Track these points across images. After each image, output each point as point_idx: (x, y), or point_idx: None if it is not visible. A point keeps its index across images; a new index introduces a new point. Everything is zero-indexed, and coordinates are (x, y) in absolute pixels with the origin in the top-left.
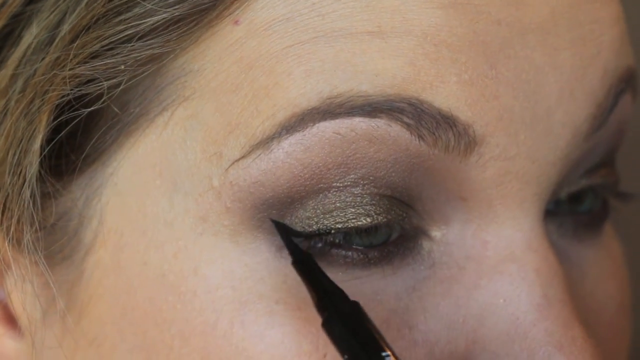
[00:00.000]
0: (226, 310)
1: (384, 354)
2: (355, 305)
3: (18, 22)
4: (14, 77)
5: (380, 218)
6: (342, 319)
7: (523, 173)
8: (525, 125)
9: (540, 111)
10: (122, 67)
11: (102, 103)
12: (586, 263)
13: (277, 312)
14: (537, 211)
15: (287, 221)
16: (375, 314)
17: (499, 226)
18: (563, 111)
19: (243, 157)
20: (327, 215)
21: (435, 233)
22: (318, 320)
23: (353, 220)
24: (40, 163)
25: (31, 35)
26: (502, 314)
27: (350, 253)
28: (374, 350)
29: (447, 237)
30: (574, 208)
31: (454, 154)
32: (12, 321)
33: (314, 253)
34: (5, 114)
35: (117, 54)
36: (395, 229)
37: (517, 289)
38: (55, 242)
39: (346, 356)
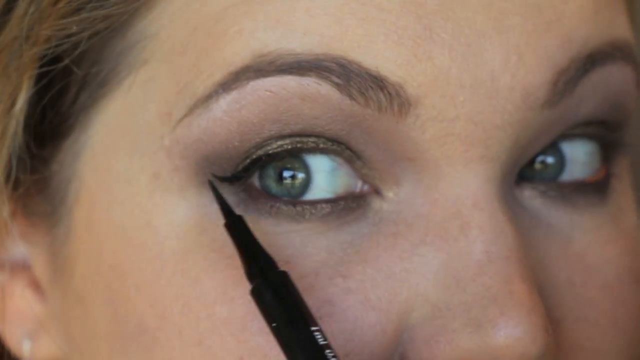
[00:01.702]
0: (171, 260)
1: (313, 328)
2: (284, 275)
3: None
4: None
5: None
6: (271, 287)
7: (466, 135)
8: (464, 87)
9: (483, 74)
10: (83, 25)
11: (70, 63)
12: (579, 229)
13: (212, 260)
14: (487, 172)
15: (230, 174)
16: (303, 265)
17: (447, 185)
18: (510, 75)
19: (186, 115)
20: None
21: (388, 193)
22: None
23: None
24: (31, 129)
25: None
26: (445, 269)
27: (285, 207)
28: (301, 322)
29: (398, 196)
30: (562, 176)
31: (389, 114)
32: (38, 286)
33: (247, 203)
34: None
35: (81, 13)
36: (337, 188)
37: (460, 245)
38: (49, 203)
39: (274, 324)
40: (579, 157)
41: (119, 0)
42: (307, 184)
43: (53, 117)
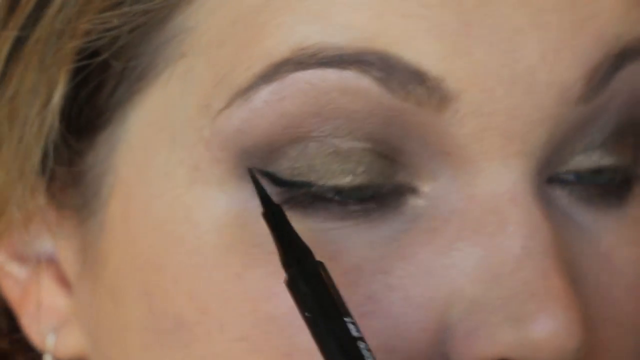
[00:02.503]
0: (211, 254)
1: (346, 319)
2: (320, 265)
3: None
4: (30, 36)
5: (364, 175)
6: (306, 278)
7: (504, 129)
8: (503, 82)
9: (521, 69)
10: (123, 19)
11: (107, 57)
12: (604, 230)
13: (254, 255)
14: (524, 168)
15: (270, 169)
16: (346, 260)
17: (483, 180)
18: (547, 71)
19: (226, 106)
20: (311, 169)
21: (424, 188)
22: None
23: (339, 176)
24: (65, 122)
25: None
26: (482, 264)
27: (330, 205)
28: (336, 313)
29: (435, 191)
30: (592, 178)
31: (428, 109)
32: (64, 280)
33: (295, 203)
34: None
35: (121, 7)
36: (379, 184)
37: (497, 240)
38: (82, 196)
39: (307, 314)
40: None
41: None
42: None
43: (89, 111)
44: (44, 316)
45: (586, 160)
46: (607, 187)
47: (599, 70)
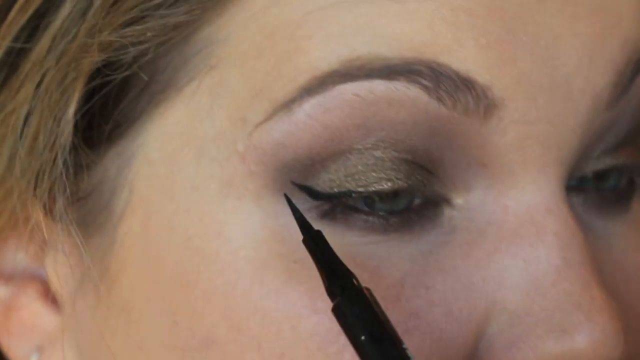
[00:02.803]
0: (247, 270)
1: (404, 346)
2: (367, 291)
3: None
4: (49, 50)
5: (401, 183)
6: (352, 305)
7: (543, 137)
8: (544, 90)
9: (559, 77)
10: (150, 34)
11: (131, 70)
12: (614, 236)
13: (294, 272)
14: (558, 176)
15: (309, 183)
16: (389, 275)
17: (519, 191)
18: (583, 77)
19: (266, 120)
20: (349, 178)
21: (457, 200)
22: None
23: (374, 184)
24: (75, 134)
25: (65, 10)
26: (522, 275)
27: (371, 218)
28: (389, 340)
29: (468, 203)
30: (599, 185)
31: (474, 117)
32: (51, 296)
33: (334, 216)
34: (40, 85)
35: (147, 21)
36: (417, 195)
37: (536, 251)
38: (88, 212)
39: (363, 337)
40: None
41: (186, 9)
42: (394, 194)
43: (101, 124)
44: (27, 335)
45: (598, 164)
46: (616, 193)
47: (624, 75)
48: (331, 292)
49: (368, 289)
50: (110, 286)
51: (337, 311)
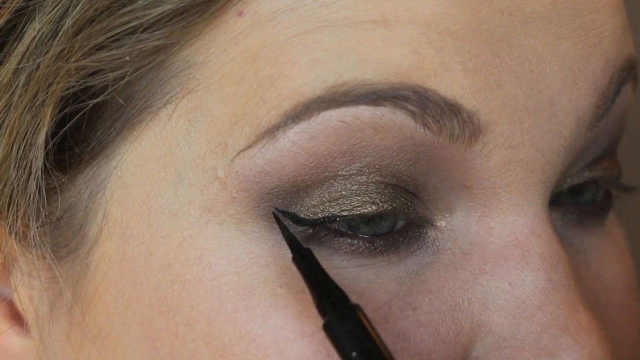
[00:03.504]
0: (230, 296)
1: None
2: (357, 308)
3: (21, 17)
4: (17, 71)
5: (385, 206)
6: (344, 323)
7: (527, 161)
8: (529, 113)
9: (544, 100)
10: (127, 58)
11: (107, 95)
12: (590, 249)
13: (280, 295)
14: (542, 199)
15: (292, 209)
16: (377, 297)
17: (503, 213)
18: (566, 100)
19: (249, 147)
20: (333, 203)
21: (440, 222)
22: None
23: (358, 208)
24: (45, 157)
25: (34, 30)
26: (508, 298)
27: (356, 242)
28: (380, 356)
29: (451, 224)
30: (576, 199)
31: (459, 142)
32: (17, 318)
33: (319, 240)
34: (9, 108)
35: (122, 45)
36: (401, 217)
37: (521, 274)
38: (60, 236)
39: (354, 354)
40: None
41: (164, 32)
42: (378, 217)
43: (73, 147)
44: None
45: (576, 179)
46: (593, 206)
47: (606, 97)
48: (322, 310)
49: (358, 306)
50: (85, 311)
51: (327, 328)
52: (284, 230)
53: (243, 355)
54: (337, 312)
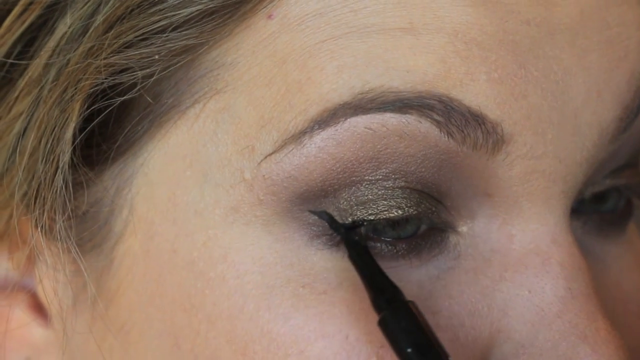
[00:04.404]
0: (253, 295)
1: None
2: (412, 304)
3: (52, 12)
4: (47, 66)
5: (410, 210)
6: (399, 319)
7: (550, 172)
8: (553, 124)
9: (568, 111)
10: (157, 57)
11: (135, 92)
12: (610, 257)
13: (302, 296)
14: (563, 208)
15: (327, 210)
16: None
17: (524, 221)
18: (590, 112)
19: (275, 151)
20: (360, 207)
21: (462, 227)
22: (344, 303)
23: (385, 212)
24: (73, 152)
25: (65, 26)
26: (527, 305)
27: (379, 244)
28: (435, 353)
29: (473, 230)
30: (598, 207)
31: (482, 151)
32: (40, 310)
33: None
34: (39, 102)
35: (152, 44)
36: (424, 222)
37: (541, 282)
38: (86, 230)
39: (410, 350)
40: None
41: (194, 32)
42: (403, 221)
43: (101, 143)
44: (17, 347)
45: (598, 187)
46: (614, 214)
47: (630, 110)
48: (377, 306)
49: (413, 303)
50: (108, 305)
51: (383, 324)
52: (339, 228)
53: (264, 354)
54: (393, 309)
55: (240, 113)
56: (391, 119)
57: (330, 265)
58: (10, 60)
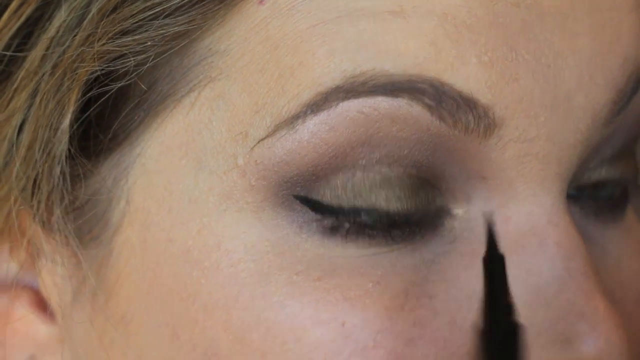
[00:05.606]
0: (248, 283)
1: None
2: (518, 327)
3: (48, 5)
4: (44, 58)
5: (407, 198)
6: (502, 340)
7: (544, 154)
8: (545, 107)
9: (560, 94)
10: (149, 43)
11: (130, 79)
12: (609, 243)
13: (297, 283)
14: (558, 189)
15: (313, 197)
16: (393, 285)
17: (519, 202)
18: (583, 95)
19: (268, 136)
20: (357, 196)
21: (457, 210)
22: (338, 289)
23: (381, 201)
24: (70, 143)
25: (60, 18)
26: (525, 286)
27: (374, 232)
28: None
29: (468, 214)
30: (596, 194)
31: (474, 135)
32: (43, 307)
33: (337, 229)
34: (36, 94)
35: (145, 30)
36: (420, 209)
37: (538, 262)
38: (84, 222)
39: None
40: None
41: (186, 18)
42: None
43: (98, 133)
44: (21, 345)
45: (594, 174)
46: (611, 200)
47: (623, 93)
48: (486, 317)
49: (520, 325)
50: (108, 297)
51: (483, 336)
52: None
53: (261, 342)
54: (498, 327)
55: (234, 100)
56: (383, 103)
57: (322, 251)
58: (8, 53)
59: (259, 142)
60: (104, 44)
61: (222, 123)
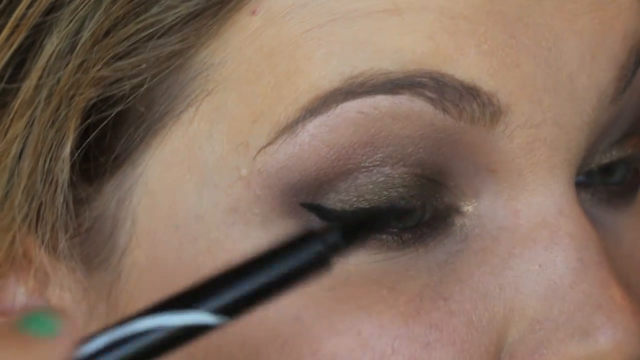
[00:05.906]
0: None
1: None
2: None
3: (39, 32)
4: (38, 87)
5: (414, 201)
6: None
7: (551, 139)
8: (549, 91)
9: (563, 77)
10: (144, 65)
11: (128, 103)
12: (622, 228)
13: (310, 294)
14: (568, 177)
15: (318, 202)
16: (407, 289)
17: (529, 194)
18: (586, 75)
19: (269, 143)
20: (361, 199)
21: (467, 207)
22: (352, 298)
23: (387, 204)
24: (71, 169)
25: (52, 45)
26: (539, 280)
27: (384, 236)
28: None
29: (478, 210)
30: (606, 179)
31: (480, 124)
32: None
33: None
34: (33, 123)
35: (140, 53)
36: (428, 208)
37: (551, 254)
38: (91, 246)
39: None
40: (625, 157)
41: (179, 37)
42: (406, 211)
43: (98, 156)
44: None
45: (604, 158)
46: (623, 186)
47: (627, 69)
48: None
49: None
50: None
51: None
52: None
53: (278, 356)
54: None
55: (232, 111)
56: (383, 101)
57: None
58: (1, 85)
59: (260, 150)
60: (99, 70)
61: (222, 135)
